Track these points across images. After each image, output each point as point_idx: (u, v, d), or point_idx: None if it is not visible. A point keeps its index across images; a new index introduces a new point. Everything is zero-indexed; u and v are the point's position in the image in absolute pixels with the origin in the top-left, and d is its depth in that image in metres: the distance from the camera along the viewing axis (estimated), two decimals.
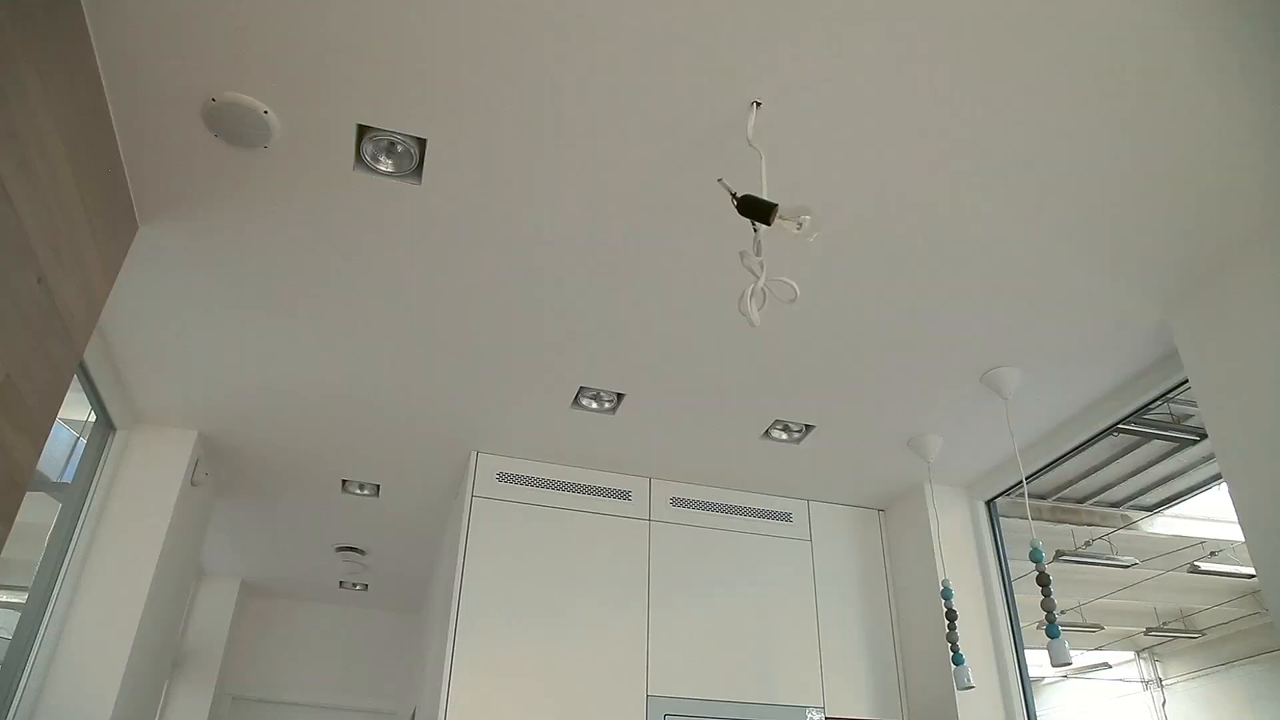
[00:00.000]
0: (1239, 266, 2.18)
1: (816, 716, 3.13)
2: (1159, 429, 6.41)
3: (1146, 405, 2.78)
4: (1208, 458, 7.17)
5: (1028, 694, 3.12)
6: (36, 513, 2.85)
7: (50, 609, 2.72)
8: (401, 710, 4.82)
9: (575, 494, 3.27)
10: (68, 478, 2.86)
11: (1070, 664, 2.42)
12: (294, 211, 2.10)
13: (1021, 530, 2.83)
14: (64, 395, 1.92)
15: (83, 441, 2.91)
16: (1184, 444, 6.76)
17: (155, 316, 2.53)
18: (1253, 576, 9.60)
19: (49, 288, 1.70)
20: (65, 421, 2.85)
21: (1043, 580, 2.47)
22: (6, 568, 2.90)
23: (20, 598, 2.72)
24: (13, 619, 2.68)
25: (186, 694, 4.49)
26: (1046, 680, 14.16)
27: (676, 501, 3.37)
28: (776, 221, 1.64)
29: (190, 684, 4.51)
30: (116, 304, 2.43)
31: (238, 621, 4.85)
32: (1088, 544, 8.40)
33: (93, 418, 2.93)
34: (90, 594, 2.82)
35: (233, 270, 2.32)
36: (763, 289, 1.66)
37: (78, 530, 2.85)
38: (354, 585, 4.76)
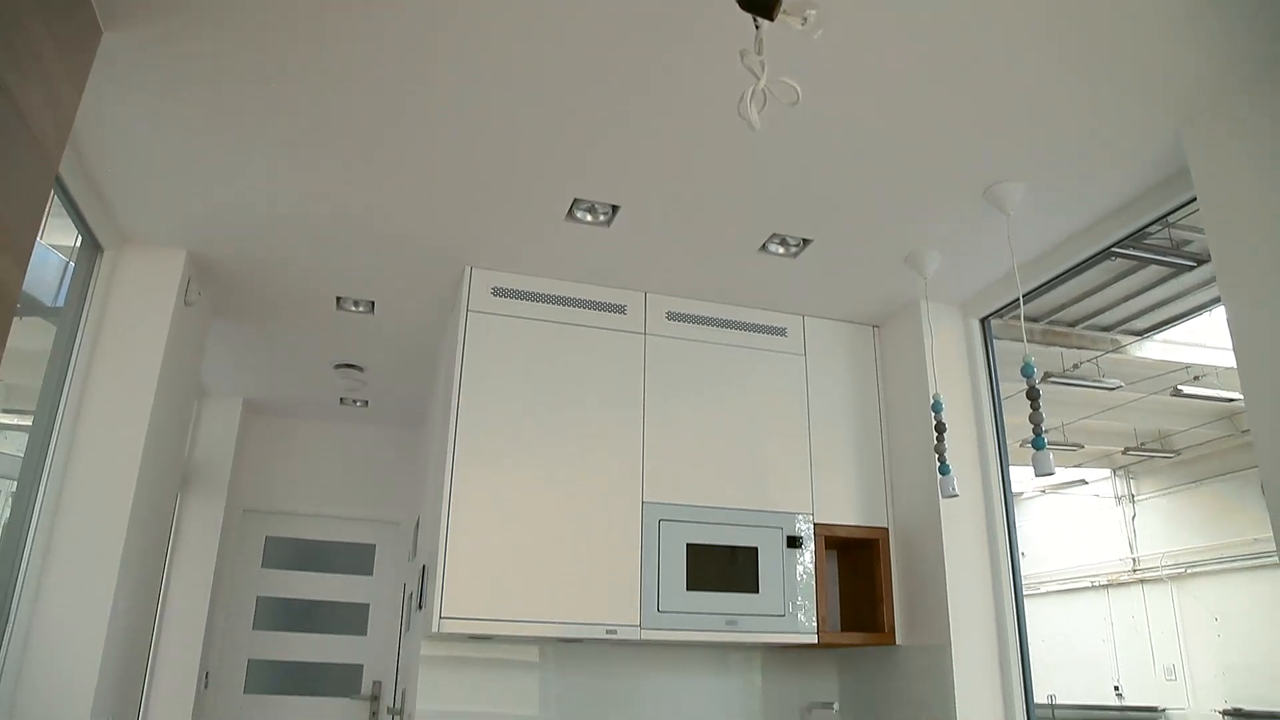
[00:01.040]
0: (1263, 85, 2.10)
1: (805, 523, 3.26)
2: (1157, 253, 6.40)
3: (1149, 225, 2.74)
4: (1202, 284, 7.20)
5: (1009, 505, 3.24)
6: (35, 339, 2.85)
7: (57, 430, 2.76)
8: (405, 520, 5.02)
9: (570, 308, 3.27)
10: (60, 302, 2.85)
11: (1053, 474, 2.48)
12: (270, 14, 1.98)
13: (1012, 353, 2.86)
14: (43, 211, 1.88)
15: (73, 266, 2.87)
16: (1180, 269, 6.76)
17: (131, 132, 2.44)
18: (1231, 400, 9.92)
19: (13, 98, 1.63)
20: (54, 247, 2.81)
21: (1032, 394, 2.50)
22: (12, 393, 2.93)
23: (27, 420, 2.76)
24: (22, 440, 2.73)
25: (199, 508, 4.66)
26: (1025, 495, 14.80)
27: (672, 316, 3.37)
28: (779, 16, 1.55)
29: (201, 498, 4.67)
30: (90, 119, 2.34)
31: (242, 438, 4.97)
32: (1075, 367, 8.55)
33: (79, 241, 2.88)
34: (94, 414, 2.86)
35: (208, 81, 2.21)
36: (763, 90, 1.59)
37: (75, 352, 2.85)
38: (354, 401, 4.84)
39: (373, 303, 3.57)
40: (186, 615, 4.49)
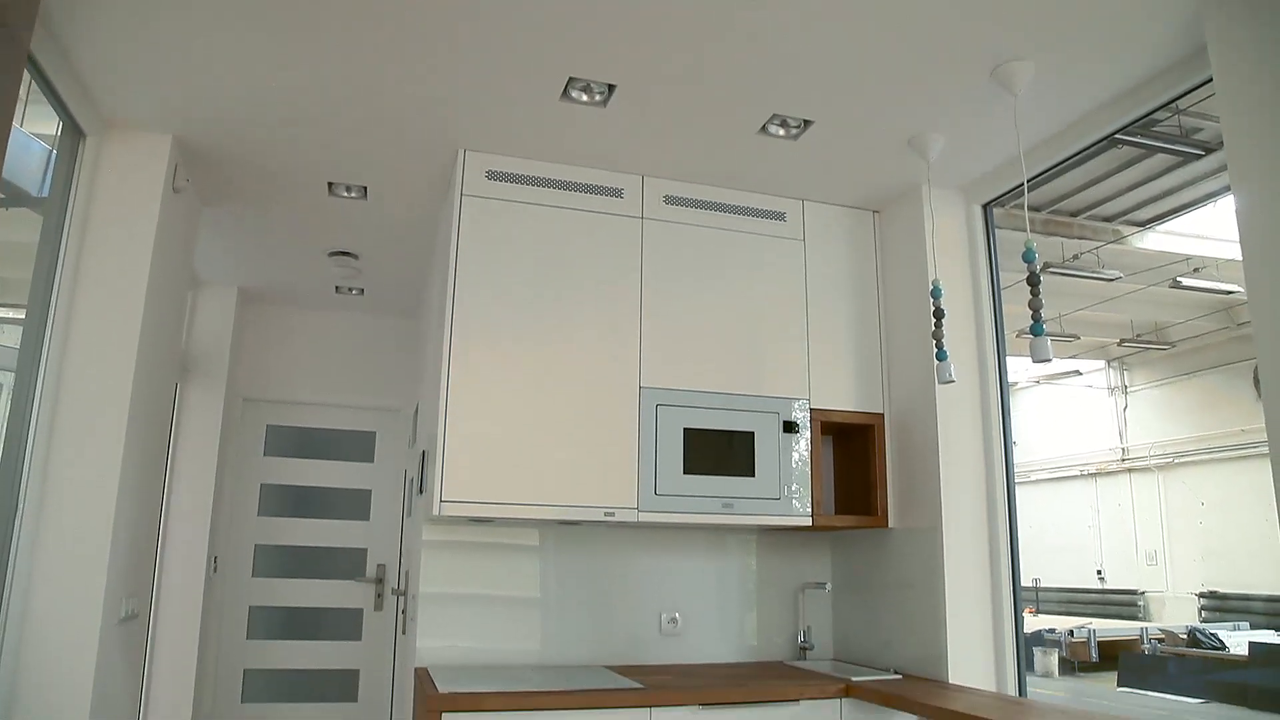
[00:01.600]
0: None
1: (801, 409, 3.29)
2: (1166, 141, 6.27)
3: (1160, 108, 2.66)
4: (1209, 174, 7.10)
5: (1004, 392, 3.26)
6: (23, 230, 2.80)
7: (51, 321, 2.74)
8: (405, 407, 5.07)
9: (567, 192, 3.21)
10: (45, 192, 2.78)
11: (1050, 360, 2.48)
12: None
13: (1012, 242, 2.82)
14: (16, 93, 1.81)
15: (55, 153, 2.80)
16: (1188, 158, 6.65)
17: (107, 9, 2.34)
18: (1230, 293, 9.92)
19: None
20: (37, 135, 2.73)
21: (1032, 280, 2.48)
22: (4, 286, 2.90)
23: (20, 314, 2.74)
24: (16, 332, 2.71)
25: (199, 397, 4.68)
26: (1019, 385, 14.95)
27: (670, 200, 3.32)
28: None
29: (200, 388, 4.69)
30: None
31: (239, 328, 4.96)
32: (1075, 257, 8.51)
33: (60, 127, 2.80)
34: (87, 304, 2.84)
35: None
36: None
37: (63, 242, 2.80)
38: (350, 290, 4.81)
39: (365, 188, 3.51)
40: (192, 502, 4.57)
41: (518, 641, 3.26)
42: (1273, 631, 11.05)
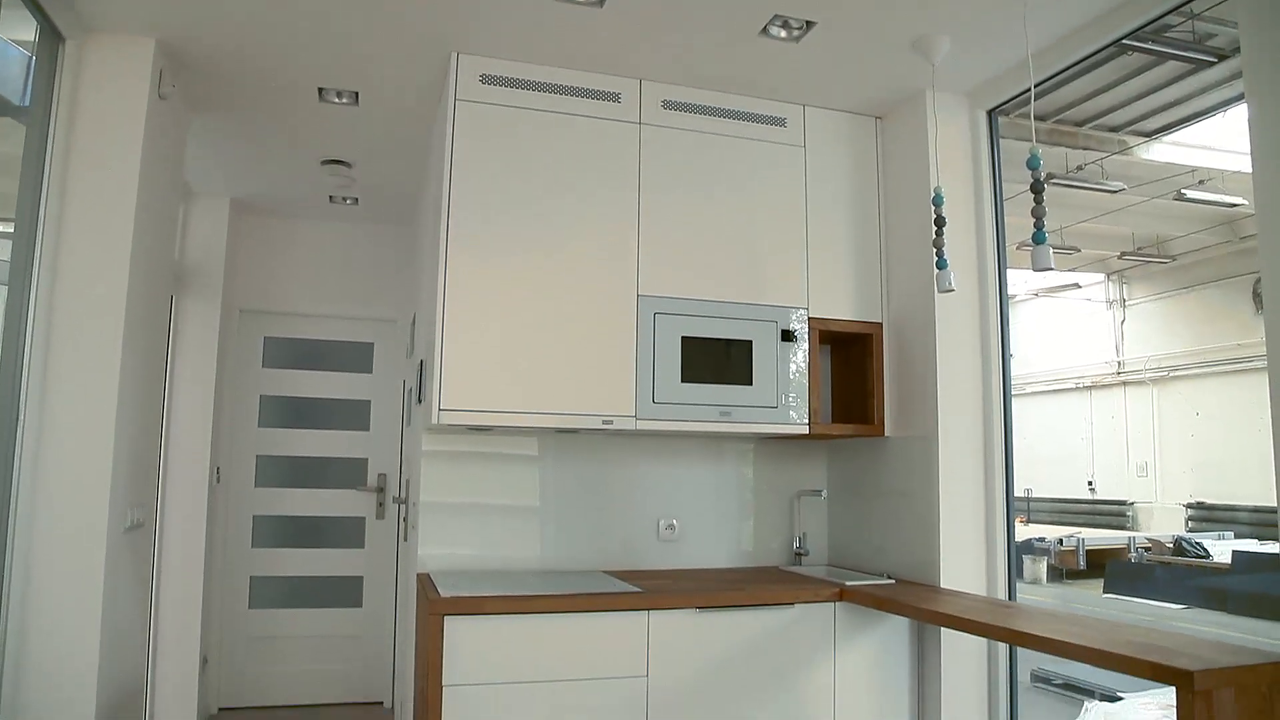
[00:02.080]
0: None
1: (800, 318, 3.28)
2: (1178, 48, 6.12)
3: (1174, 9, 2.58)
4: (1220, 82, 6.95)
5: (1003, 303, 3.24)
6: (6, 142, 2.74)
7: (40, 233, 2.70)
8: (402, 318, 5.06)
9: (563, 96, 3.14)
10: (27, 101, 2.71)
11: (1051, 269, 2.47)
12: None
13: (1016, 152, 2.77)
14: None
15: (34, 59, 2.71)
16: (1199, 65, 6.50)
17: None
18: (1234, 205, 9.82)
19: None
20: (15, 42, 2.64)
21: (1036, 188, 2.45)
22: None
23: (8, 227, 2.69)
24: (6, 246, 2.67)
25: (195, 309, 4.66)
26: (1017, 298, 14.94)
27: (668, 104, 3.24)
28: None
29: (196, 300, 4.67)
30: None
31: (233, 239, 4.91)
32: (1079, 168, 8.40)
33: (39, 31, 2.70)
34: (77, 214, 2.79)
35: None
36: None
37: (49, 153, 2.74)
38: (344, 199, 4.75)
39: (356, 94, 3.42)
40: (192, 414, 4.59)
41: (518, 548, 3.32)
42: (1256, 541, 11.30)
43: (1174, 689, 1.84)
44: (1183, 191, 9.38)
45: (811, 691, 2.94)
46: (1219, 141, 8.25)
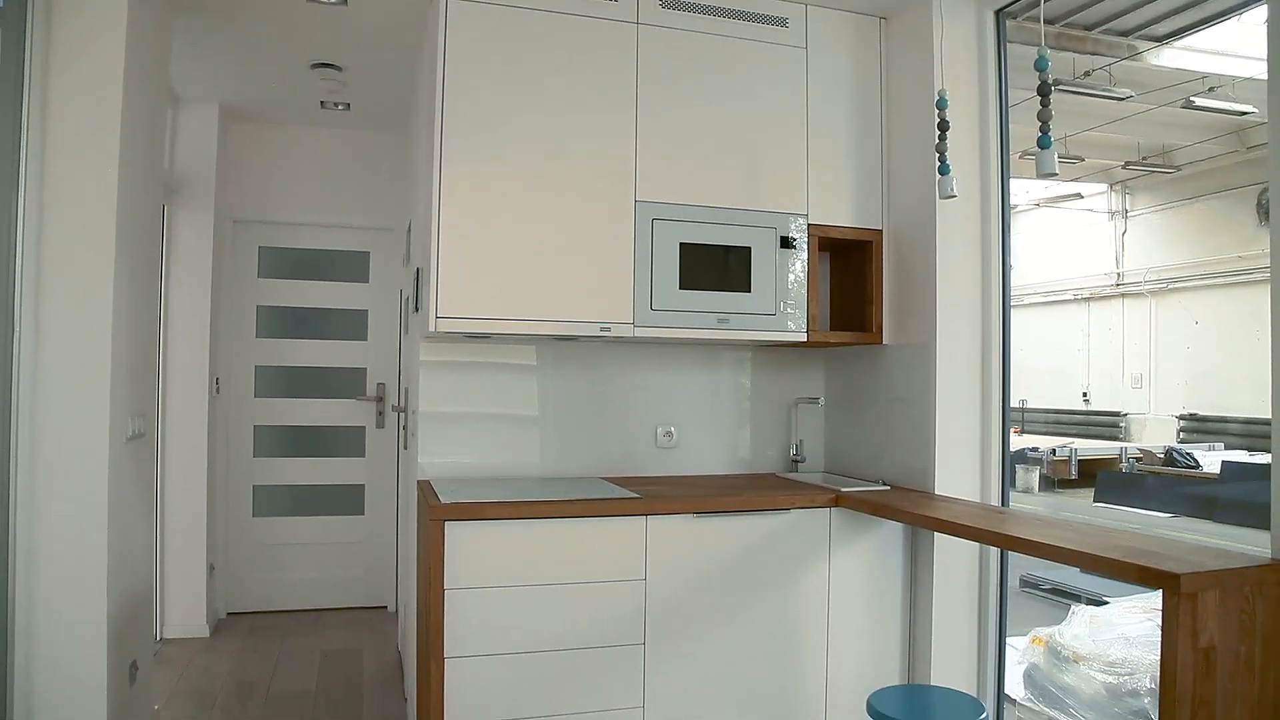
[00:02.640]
0: None
1: (799, 224, 3.24)
2: None
3: None
4: None
5: (1005, 210, 3.20)
6: None
7: (24, 139, 2.62)
8: (397, 226, 5.00)
9: None
10: (2, 2, 2.60)
11: (1055, 174, 2.43)
12: None
13: (1021, 58, 2.69)
14: None
15: None
16: None
17: None
18: (1244, 113, 9.64)
19: None
20: None
21: (1043, 90, 2.39)
22: None
23: None
24: None
25: (187, 219, 4.60)
26: (1018, 208, 14.80)
27: (666, 3, 3.13)
28: None
29: (189, 210, 4.60)
30: None
31: (224, 147, 4.81)
32: (1087, 74, 8.21)
33: None
34: (61, 121, 2.69)
35: None
36: None
37: (27, 56, 2.64)
38: (335, 105, 4.64)
39: None
40: (189, 325, 4.58)
41: (517, 456, 3.35)
42: (1245, 452, 11.45)
43: (1160, 592, 1.87)
44: (1192, 99, 9.19)
45: (806, 594, 3.01)
46: (1233, 46, 8.04)
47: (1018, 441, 12.46)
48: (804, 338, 3.23)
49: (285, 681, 3.99)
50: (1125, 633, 3.71)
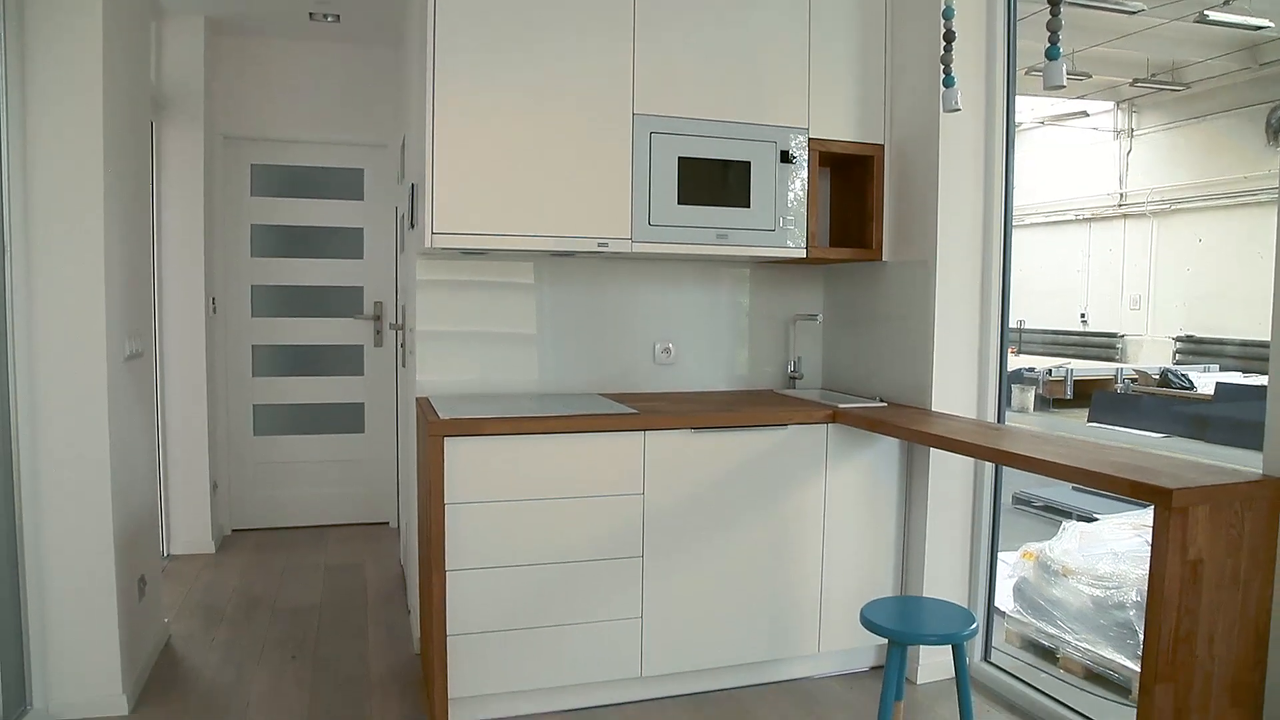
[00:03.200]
0: None
1: (800, 139, 3.19)
2: None
3: None
4: None
5: (1010, 128, 3.14)
6: None
7: (3, 53, 2.55)
8: (391, 142, 4.92)
9: None
10: None
11: (1063, 86, 2.37)
12: None
13: None
14: None
15: None
16: None
17: None
18: (1259, 28, 9.41)
19: None
20: None
21: None
22: None
23: None
24: None
25: (177, 137, 4.52)
26: (1024, 126, 14.58)
27: None
28: None
29: (178, 127, 4.52)
30: None
31: (211, 62, 4.70)
32: None
33: None
34: (39, 35, 2.63)
35: None
36: None
37: None
38: (325, 16, 4.51)
39: None
40: (184, 244, 4.53)
41: (515, 373, 3.35)
42: (1240, 374, 11.51)
43: (1151, 509, 1.89)
44: (1205, 13, 8.96)
45: (802, 509, 3.05)
46: None
47: (1014, 362, 12.51)
48: (803, 254, 3.20)
49: (290, 595, 4.07)
50: (1114, 548, 3.77)
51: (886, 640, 2.37)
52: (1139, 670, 2.21)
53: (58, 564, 2.74)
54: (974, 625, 2.36)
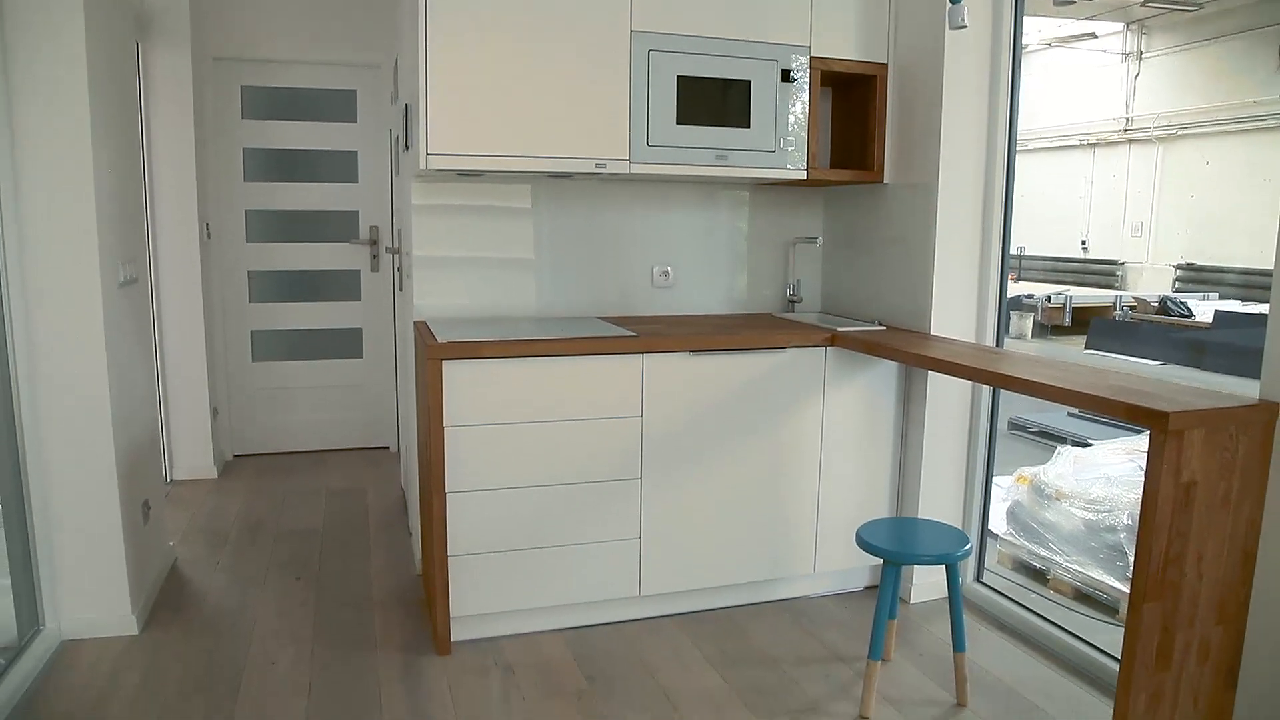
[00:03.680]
0: None
1: (801, 58, 3.11)
2: None
3: None
4: None
5: (1017, 48, 3.06)
6: None
7: None
8: (384, 62, 4.81)
9: None
10: None
11: (1073, 2, 2.30)
12: None
13: None
14: None
15: None
16: None
17: None
18: None
19: None
20: None
21: None
22: None
23: None
24: None
25: (164, 58, 4.40)
26: (1030, 48, 14.27)
27: None
28: None
29: (165, 48, 4.40)
30: None
31: None
32: None
33: None
34: None
35: None
36: None
37: None
38: None
39: None
40: (175, 169, 4.46)
41: (513, 297, 3.34)
42: (1239, 302, 11.49)
43: (1145, 437, 1.90)
44: None
45: (800, 432, 3.07)
46: None
47: (1012, 288, 12.46)
48: (803, 176, 3.16)
49: (293, 519, 4.12)
50: (1107, 473, 3.81)
51: (881, 560, 2.41)
52: (1128, 591, 2.26)
53: (62, 488, 2.77)
54: (968, 546, 2.40)
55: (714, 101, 3.01)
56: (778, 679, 2.69)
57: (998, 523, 3.94)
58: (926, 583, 3.23)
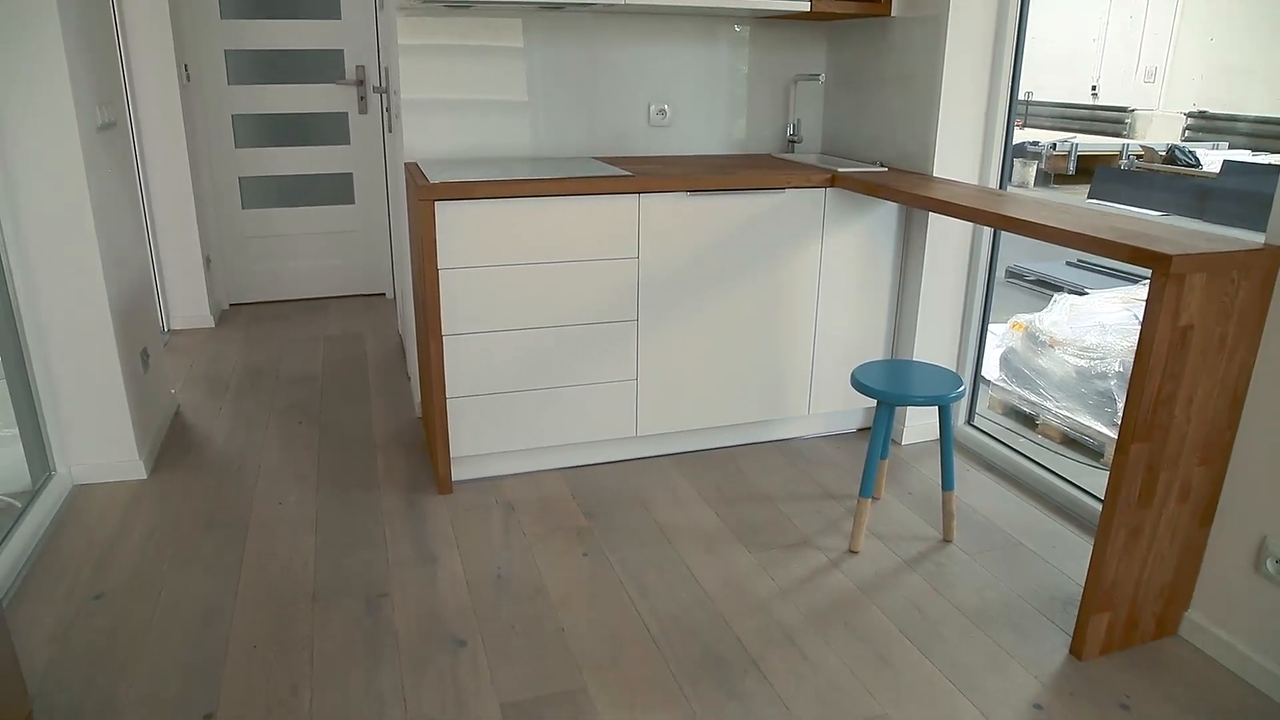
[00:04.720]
0: None
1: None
2: None
3: None
4: None
5: None
6: None
7: None
8: None
9: None
10: None
11: None
12: None
13: None
14: None
15: None
16: None
17: None
18: None
19: None
20: None
21: None
22: None
23: None
24: None
25: None
26: None
27: None
28: None
29: None
30: None
31: None
32: None
33: None
34: None
35: None
36: None
37: None
38: None
39: None
40: (147, 7, 4.23)
41: (507, 138, 3.24)
42: (1249, 152, 11.23)
43: (1142, 286, 1.87)
44: None
45: (798, 273, 3.04)
46: None
47: (1018, 135, 12.17)
48: (806, 7, 3.01)
49: (292, 366, 4.15)
50: (1102, 321, 3.81)
51: (875, 401, 2.44)
52: (1114, 435, 2.29)
53: (59, 336, 2.76)
54: (960, 388, 2.42)
55: None
56: (770, 515, 2.78)
57: (990, 369, 3.99)
58: (918, 425, 3.29)
